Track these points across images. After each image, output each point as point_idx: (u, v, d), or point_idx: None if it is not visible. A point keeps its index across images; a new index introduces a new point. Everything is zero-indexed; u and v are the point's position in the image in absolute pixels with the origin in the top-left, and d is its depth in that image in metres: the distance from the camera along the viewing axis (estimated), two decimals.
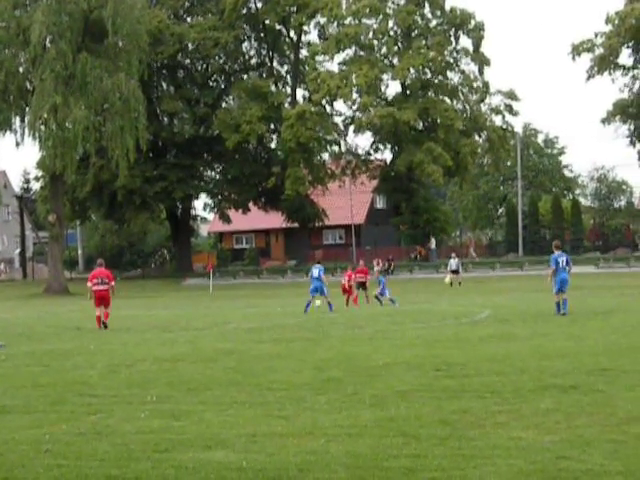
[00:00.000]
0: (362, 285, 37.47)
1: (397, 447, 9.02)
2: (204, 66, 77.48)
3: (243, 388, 13.32)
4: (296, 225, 77.73)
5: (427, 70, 72.72)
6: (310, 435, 9.71)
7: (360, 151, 77.37)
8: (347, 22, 72.19)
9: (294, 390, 12.95)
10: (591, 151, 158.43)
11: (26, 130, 60.68)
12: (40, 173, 74.07)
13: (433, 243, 73.87)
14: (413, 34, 73.38)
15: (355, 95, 71.95)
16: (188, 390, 13.36)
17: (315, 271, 32.99)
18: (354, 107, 73.42)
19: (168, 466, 8.54)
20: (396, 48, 73.59)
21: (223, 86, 78.27)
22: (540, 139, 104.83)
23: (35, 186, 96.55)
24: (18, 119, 61.69)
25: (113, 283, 27.70)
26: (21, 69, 60.69)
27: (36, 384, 14.61)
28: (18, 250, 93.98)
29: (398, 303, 34.24)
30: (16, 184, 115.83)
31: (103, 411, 11.68)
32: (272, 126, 74.64)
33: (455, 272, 51.35)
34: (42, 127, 58.18)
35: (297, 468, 8.32)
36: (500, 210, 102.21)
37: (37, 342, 23.28)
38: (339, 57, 73.82)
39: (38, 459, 9.05)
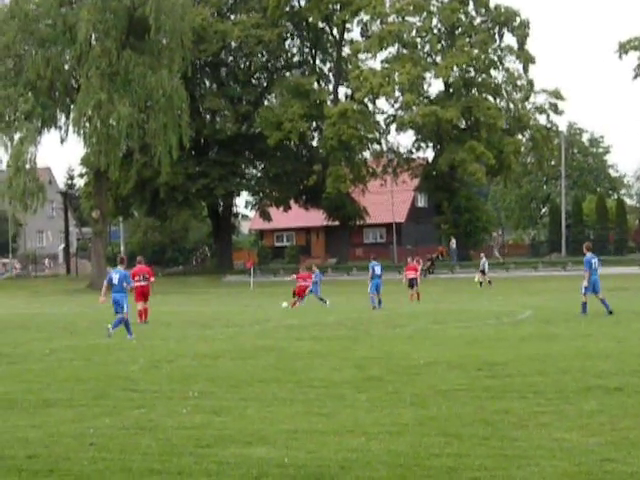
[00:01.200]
0: (412, 282, 37.66)
1: (439, 446, 8.97)
2: (247, 64, 77.65)
3: (284, 385, 13.34)
4: (337, 223, 77.70)
5: (471, 68, 72.32)
6: (351, 433, 9.69)
7: (402, 149, 77.18)
8: (390, 20, 72.01)
9: (334, 388, 12.94)
10: (637, 150, 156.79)
11: (71, 127, 61.23)
12: (84, 170, 74.68)
13: (454, 243, 73.68)
14: (457, 32, 73.01)
15: (397, 93, 71.72)
16: (229, 386, 13.40)
17: (378, 268, 33.18)
18: (396, 105, 73.24)
19: (210, 461, 8.56)
20: (439, 46, 73.25)
21: (265, 84, 78.41)
22: (585, 138, 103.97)
23: (79, 182, 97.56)
24: (63, 116, 62.25)
25: (153, 279, 28.01)
26: (67, 66, 61.20)
27: (79, 378, 14.74)
28: (62, 246, 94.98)
29: (329, 302, 35.55)
30: (60, 180, 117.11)
31: (145, 406, 11.75)
32: (314, 124, 74.65)
33: (483, 272, 51.53)
34: (87, 124, 58.64)
35: (338, 465, 8.30)
36: (543, 210, 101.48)
37: (80, 337, 23.50)
38: (382, 55, 73.70)
39: (83, 452, 9.12)
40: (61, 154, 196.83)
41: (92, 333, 24.67)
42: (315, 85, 74.68)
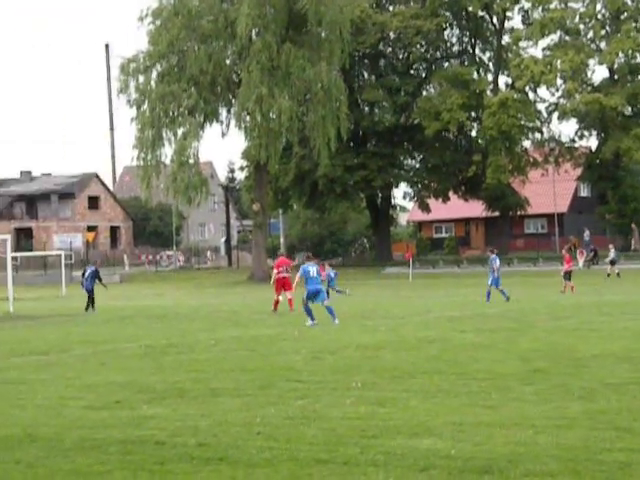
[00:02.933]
0: (567, 274, 37.36)
1: (610, 440, 8.73)
2: (405, 54, 77.42)
3: (447, 377, 13.27)
4: (497, 214, 76.70)
5: (637, 54, 70.06)
6: (517, 426, 9.54)
7: (564, 138, 75.48)
8: (552, 6, 70.49)
9: (499, 380, 12.79)
10: None
11: (232, 121, 62.51)
12: (245, 163, 76.06)
13: (587, 234, 71.55)
14: (622, 17, 70.76)
15: (559, 81, 70.17)
16: (392, 377, 13.40)
17: (498, 261, 33.11)
18: (558, 93, 71.68)
19: (376, 452, 8.57)
20: (604, 32, 71.27)
21: (424, 74, 78.03)
22: None
23: (240, 176, 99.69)
24: (225, 110, 63.56)
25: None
26: (228, 61, 62.35)
27: (244, 368, 15.03)
28: (224, 238, 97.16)
29: (349, 290, 40.15)
30: (222, 174, 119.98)
31: (309, 396, 11.88)
32: (472, 114, 73.81)
33: (612, 263, 50.21)
34: (248, 118, 59.67)
35: (506, 459, 8.18)
36: None
37: (243, 327, 24.00)
38: (543, 42, 72.21)
39: (251, 441, 9.29)
40: (222, 148, 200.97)
41: (254, 324, 25.15)
42: (475, 75, 73.87)
